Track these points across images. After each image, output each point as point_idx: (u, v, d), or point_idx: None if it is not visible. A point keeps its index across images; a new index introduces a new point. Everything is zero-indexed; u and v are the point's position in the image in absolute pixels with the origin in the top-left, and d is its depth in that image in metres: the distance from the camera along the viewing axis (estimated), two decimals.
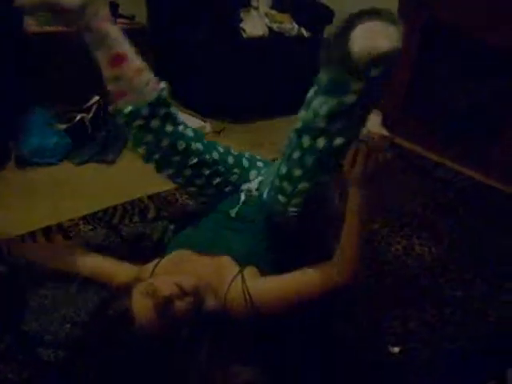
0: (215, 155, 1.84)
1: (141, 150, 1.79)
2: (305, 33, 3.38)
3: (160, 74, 1.67)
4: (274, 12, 3.40)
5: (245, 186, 1.90)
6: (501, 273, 2.05)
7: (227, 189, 1.89)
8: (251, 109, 3.24)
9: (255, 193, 1.86)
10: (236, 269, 1.57)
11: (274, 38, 3.23)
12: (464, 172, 2.83)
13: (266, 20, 3.29)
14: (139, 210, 2.30)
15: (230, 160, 1.89)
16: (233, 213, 1.80)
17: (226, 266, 1.59)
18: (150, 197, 2.39)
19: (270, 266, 1.64)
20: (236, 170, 1.91)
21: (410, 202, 2.41)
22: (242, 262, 1.59)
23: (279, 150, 1.61)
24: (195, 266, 1.59)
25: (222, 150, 1.88)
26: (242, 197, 1.84)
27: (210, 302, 1.47)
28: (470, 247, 2.20)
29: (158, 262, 1.63)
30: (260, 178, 1.92)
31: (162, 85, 1.69)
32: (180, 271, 1.57)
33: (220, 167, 1.85)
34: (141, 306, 1.36)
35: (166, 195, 2.42)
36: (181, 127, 1.77)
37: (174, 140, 1.73)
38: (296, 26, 3.36)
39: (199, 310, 1.43)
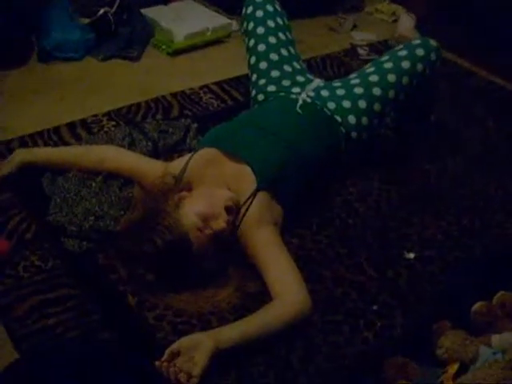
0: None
1: None
2: None
3: None
4: None
5: (296, 91, 1.91)
6: None
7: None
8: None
9: (308, 100, 1.85)
10: (253, 185, 1.59)
11: None
12: (497, 82, 2.73)
13: None
14: (162, 107, 2.28)
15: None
16: (282, 117, 1.81)
17: (246, 177, 1.62)
18: (173, 95, 2.37)
19: (287, 192, 1.66)
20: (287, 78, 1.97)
21: (438, 111, 2.35)
22: (264, 176, 1.61)
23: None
24: (222, 169, 1.64)
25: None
26: (300, 102, 1.84)
27: None
28: (494, 160, 2.16)
29: (190, 159, 1.65)
30: (313, 87, 1.91)
31: None
32: (209, 172, 1.63)
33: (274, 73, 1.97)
34: (198, 238, 1.46)
35: (189, 93, 2.39)
36: None
37: None
38: None
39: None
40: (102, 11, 2.65)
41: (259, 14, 2.03)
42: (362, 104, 1.86)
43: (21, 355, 1.35)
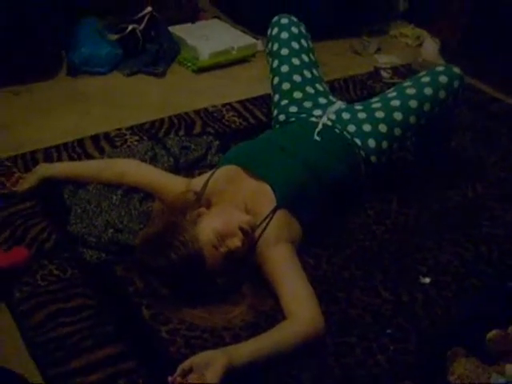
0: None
1: None
2: None
3: None
4: None
5: (317, 114, 1.93)
6: None
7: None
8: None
9: (329, 123, 1.87)
10: (273, 204, 1.60)
11: None
12: None
13: None
14: (185, 124, 2.31)
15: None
16: (303, 139, 1.82)
17: (266, 195, 1.63)
18: (196, 111, 2.40)
19: (305, 212, 1.67)
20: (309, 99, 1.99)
21: (459, 137, 2.35)
22: (284, 195, 1.62)
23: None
24: (241, 186, 1.65)
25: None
26: (319, 126, 1.85)
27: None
28: None
29: (211, 176, 1.68)
30: (334, 109, 1.92)
31: None
32: (228, 189, 1.65)
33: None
34: (213, 255, 1.47)
35: (212, 111, 2.42)
36: None
37: None
38: None
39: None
40: (130, 28, 2.71)
41: (284, 35, 2.06)
42: (383, 128, 1.87)
43: (36, 362, 1.37)
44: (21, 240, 1.68)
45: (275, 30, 2.08)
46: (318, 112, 1.94)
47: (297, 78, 2.02)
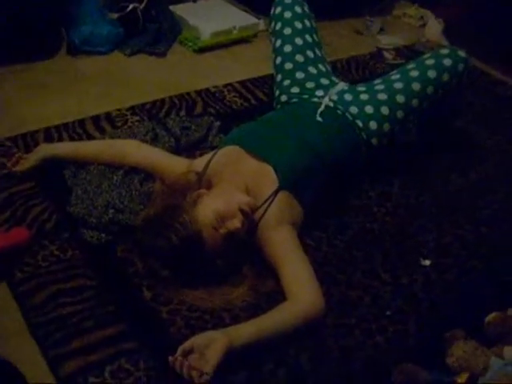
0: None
1: None
2: None
3: None
4: None
5: (319, 95, 1.91)
6: None
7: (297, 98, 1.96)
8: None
9: (331, 104, 1.85)
10: (275, 185, 1.59)
11: None
12: None
13: None
14: (186, 104, 2.30)
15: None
16: (305, 120, 1.81)
17: (268, 177, 1.63)
18: (197, 92, 2.38)
19: (307, 194, 1.66)
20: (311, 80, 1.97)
21: (463, 119, 2.33)
22: (286, 176, 1.62)
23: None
24: (243, 167, 1.65)
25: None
26: (322, 107, 1.84)
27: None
28: None
29: (212, 157, 1.68)
30: (336, 90, 1.91)
31: None
32: (230, 170, 1.64)
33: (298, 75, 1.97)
34: (212, 236, 1.47)
35: (214, 91, 2.40)
36: None
37: None
38: None
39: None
40: (131, 7, 2.67)
41: (287, 15, 2.04)
42: (385, 110, 1.86)
43: (37, 342, 1.38)
44: (21, 220, 1.68)
45: (278, 9, 2.06)
46: (320, 93, 1.93)
47: (299, 58, 2.01)
